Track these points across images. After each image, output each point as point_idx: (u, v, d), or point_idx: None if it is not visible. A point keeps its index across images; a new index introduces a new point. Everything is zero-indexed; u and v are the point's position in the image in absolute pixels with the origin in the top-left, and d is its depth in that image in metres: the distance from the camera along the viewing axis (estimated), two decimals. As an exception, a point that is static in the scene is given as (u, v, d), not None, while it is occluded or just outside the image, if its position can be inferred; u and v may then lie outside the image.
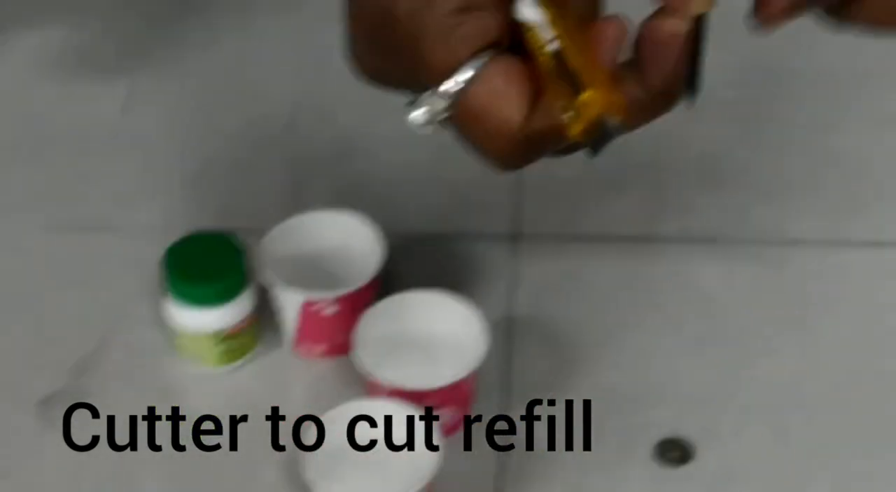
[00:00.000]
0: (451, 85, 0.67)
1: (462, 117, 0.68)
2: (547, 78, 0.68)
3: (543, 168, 1.19)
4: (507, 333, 1.12)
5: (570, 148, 0.74)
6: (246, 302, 1.08)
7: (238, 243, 1.08)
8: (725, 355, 1.11)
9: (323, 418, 1.00)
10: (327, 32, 1.33)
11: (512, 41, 0.70)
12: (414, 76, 0.69)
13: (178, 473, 1.05)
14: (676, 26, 0.70)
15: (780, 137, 1.27)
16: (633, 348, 1.12)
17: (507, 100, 0.67)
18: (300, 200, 1.19)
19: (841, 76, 1.32)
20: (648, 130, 1.26)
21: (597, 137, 0.68)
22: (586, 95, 0.66)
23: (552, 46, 0.68)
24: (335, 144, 1.27)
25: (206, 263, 1.07)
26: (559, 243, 1.19)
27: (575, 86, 0.67)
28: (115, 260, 1.18)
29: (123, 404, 1.08)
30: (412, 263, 1.16)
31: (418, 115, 0.68)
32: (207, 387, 1.10)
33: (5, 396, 1.09)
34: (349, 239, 1.12)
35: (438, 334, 1.06)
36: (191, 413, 1.08)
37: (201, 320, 1.07)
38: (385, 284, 1.10)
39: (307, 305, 1.08)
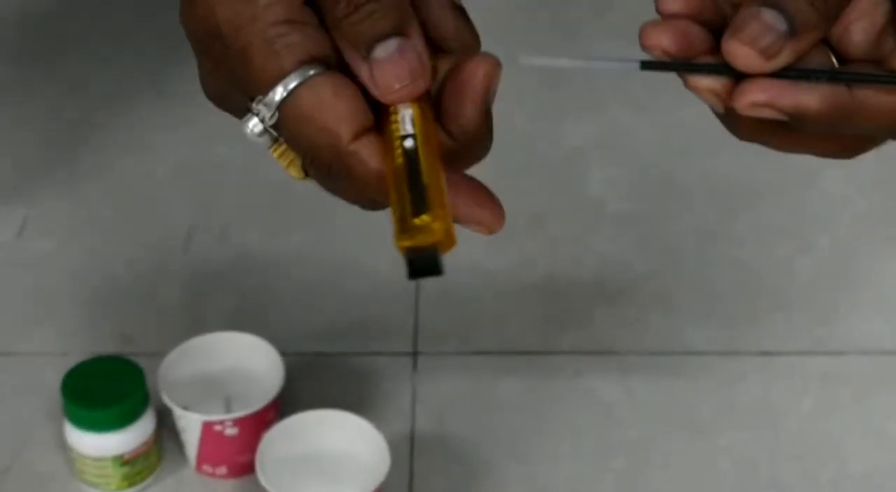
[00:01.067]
0: (277, 93, 0.66)
1: (287, 125, 0.67)
2: (392, 174, 0.66)
3: (439, 284, 1.22)
4: (409, 449, 1.13)
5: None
6: (146, 425, 1.08)
7: (136, 366, 1.08)
8: (625, 466, 1.12)
9: None
10: (221, 148, 1.35)
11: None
12: (245, 92, 0.67)
13: None
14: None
15: (675, 249, 1.28)
16: (535, 461, 1.12)
17: (332, 110, 0.65)
18: (199, 321, 1.20)
19: (733, 188, 1.34)
20: (543, 243, 1.29)
21: (421, 259, 0.65)
22: (428, 220, 0.64)
23: (408, 143, 0.66)
24: (233, 263, 1.28)
25: (105, 387, 1.07)
26: (458, 358, 1.20)
27: (416, 193, 0.65)
28: (15, 385, 1.18)
29: None
30: (312, 382, 1.17)
31: (250, 125, 0.67)
32: None
33: None
34: (248, 359, 1.12)
35: (341, 453, 1.07)
36: None
37: (102, 445, 1.07)
38: (286, 403, 1.10)
39: (207, 427, 1.08)
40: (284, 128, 0.66)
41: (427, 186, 0.64)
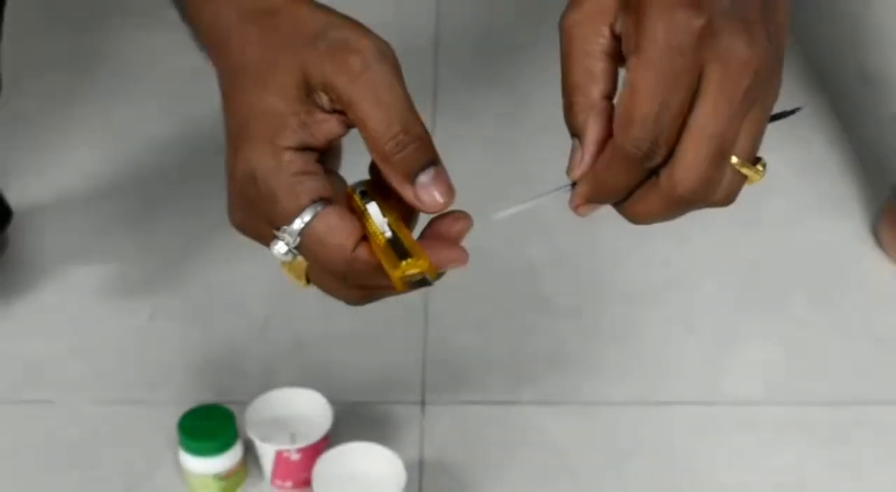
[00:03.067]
0: (297, 223, 0.65)
1: (307, 246, 0.66)
2: (380, 250, 0.65)
3: (440, 355, 1.22)
4: (418, 471, 1.12)
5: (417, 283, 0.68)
6: (237, 452, 1.09)
7: (230, 411, 1.09)
8: (567, 484, 1.12)
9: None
10: None
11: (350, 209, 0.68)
12: (270, 223, 0.66)
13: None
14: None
15: (605, 332, 1.27)
16: (507, 479, 1.12)
17: (339, 231, 0.65)
18: (272, 380, 1.19)
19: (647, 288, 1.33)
20: (510, 327, 1.27)
21: (414, 284, 0.65)
22: (414, 260, 0.64)
23: (388, 233, 0.65)
24: (295, 340, 1.27)
25: (208, 426, 1.08)
26: (454, 406, 1.19)
27: (401, 252, 0.64)
28: (145, 424, 1.17)
29: None
30: (352, 423, 1.15)
31: (278, 248, 0.66)
32: None
33: None
34: (307, 407, 1.12)
35: (371, 473, 1.06)
36: None
37: (205, 466, 1.08)
38: (333, 437, 1.10)
39: (279, 454, 1.08)
40: (304, 248, 0.66)
41: (408, 248, 0.65)
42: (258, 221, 0.68)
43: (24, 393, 1.22)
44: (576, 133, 0.67)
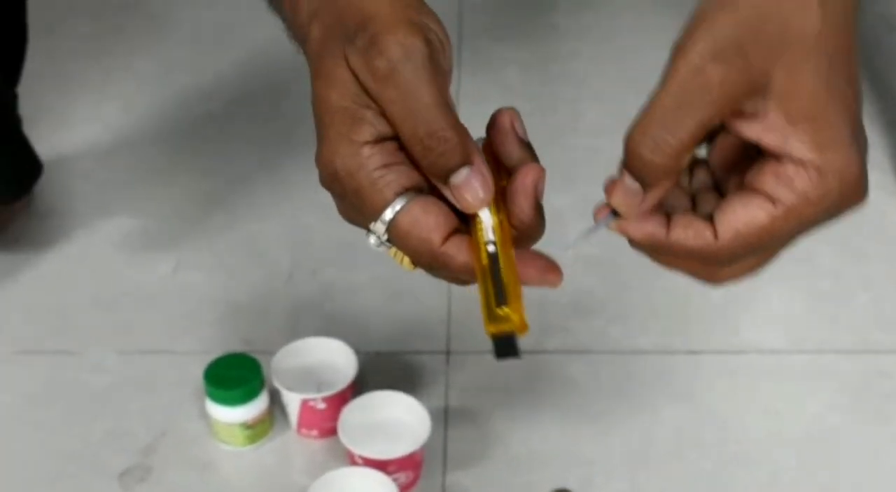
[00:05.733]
0: (384, 218, 0.64)
1: (396, 239, 0.65)
2: (480, 270, 0.64)
3: (464, 304, 1.21)
4: (443, 419, 1.12)
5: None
6: (263, 401, 1.09)
7: (256, 361, 1.08)
8: (593, 430, 1.12)
9: (318, 481, 1.01)
10: (310, 214, 1.34)
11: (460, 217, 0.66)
12: (362, 217, 0.66)
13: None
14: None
15: (630, 281, 1.26)
16: (531, 428, 1.12)
17: (424, 224, 0.64)
18: (298, 330, 1.19)
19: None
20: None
21: (503, 342, 0.64)
22: (508, 311, 0.63)
23: (491, 248, 0.64)
24: (320, 290, 1.26)
25: (234, 375, 1.07)
26: (478, 356, 1.18)
27: (498, 287, 0.63)
28: (171, 374, 1.17)
29: (177, 475, 1.08)
30: (376, 372, 1.16)
31: (371, 241, 0.66)
32: (237, 461, 1.09)
33: (94, 470, 1.09)
34: (332, 356, 1.12)
35: (396, 421, 1.06)
36: (224, 481, 1.08)
37: (232, 415, 1.08)
38: (358, 386, 1.11)
39: (304, 403, 1.08)
40: (394, 240, 0.66)
41: (506, 284, 0.63)
42: (355, 213, 0.67)
43: (51, 343, 1.22)
44: (642, 178, 0.63)
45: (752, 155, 0.63)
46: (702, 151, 0.66)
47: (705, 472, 1.09)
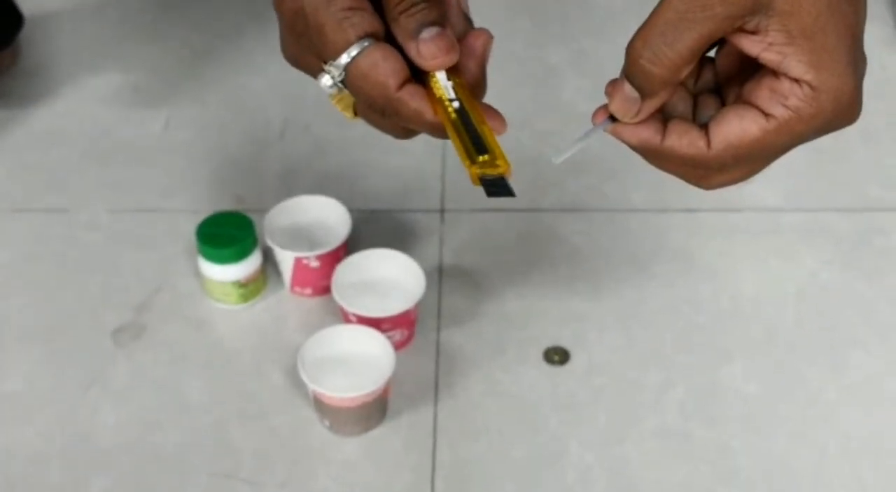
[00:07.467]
0: (343, 58, 0.65)
1: (351, 81, 0.66)
2: (450, 125, 0.65)
3: (458, 162, 1.22)
4: (438, 277, 1.12)
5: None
6: (255, 259, 1.08)
7: (248, 219, 1.08)
8: (586, 286, 1.11)
9: (312, 338, 1.00)
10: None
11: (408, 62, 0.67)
12: (320, 56, 0.66)
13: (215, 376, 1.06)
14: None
15: None
16: (524, 284, 1.12)
17: (383, 69, 0.64)
18: (291, 187, 1.19)
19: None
20: (531, 134, 1.26)
21: (492, 183, 0.64)
22: (489, 158, 0.64)
23: (456, 105, 0.65)
24: (314, 147, 1.25)
25: (227, 233, 1.06)
26: (472, 214, 1.18)
27: (474, 138, 0.64)
28: (162, 232, 1.17)
29: (171, 332, 1.08)
30: (370, 230, 1.16)
31: (324, 81, 0.66)
32: (231, 319, 1.09)
33: (89, 327, 1.09)
34: (326, 214, 1.11)
35: (390, 279, 1.06)
36: (219, 339, 1.08)
37: (224, 273, 1.07)
38: (351, 244, 1.10)
39: (298, 261, 1.08)
40: (349, 82, 0.66)
41: (481, 133, 0.65)
42: (307, 54, 0.67)
43: (41, 201, 1.21)
44: (640, 87, 0.64)
45: (755, 65, 0.64)
46: (712, 52, 0.66)
47: (699, 327, 1.09)
